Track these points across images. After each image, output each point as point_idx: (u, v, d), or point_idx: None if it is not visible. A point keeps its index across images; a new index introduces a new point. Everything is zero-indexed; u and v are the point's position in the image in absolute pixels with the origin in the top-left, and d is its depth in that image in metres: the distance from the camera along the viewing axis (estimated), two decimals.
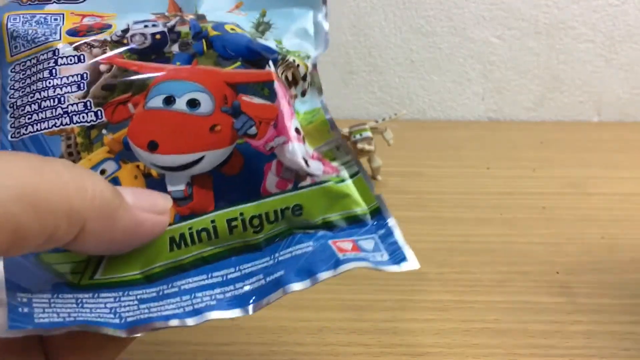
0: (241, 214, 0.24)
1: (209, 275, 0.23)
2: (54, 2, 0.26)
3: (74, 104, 0.24)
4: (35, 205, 0.17)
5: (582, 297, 0.35)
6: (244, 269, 0.24)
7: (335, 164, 0.25)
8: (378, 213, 0.25)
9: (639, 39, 0.63)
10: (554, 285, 0.36)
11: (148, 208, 0.22)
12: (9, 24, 0.25)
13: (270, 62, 0.25)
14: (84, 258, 0.22)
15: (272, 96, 0.24)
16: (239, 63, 0.25)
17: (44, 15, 0.25)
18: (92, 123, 0.24)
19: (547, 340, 0.32)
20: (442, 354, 0.31)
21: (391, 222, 0.24)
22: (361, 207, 0.25)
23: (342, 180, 0.25)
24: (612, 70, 0.64)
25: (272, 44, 0.26)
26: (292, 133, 0.25)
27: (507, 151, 0.56)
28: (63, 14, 0.26)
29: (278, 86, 0.25)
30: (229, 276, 0.23)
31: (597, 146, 0.57)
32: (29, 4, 0.26)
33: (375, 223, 0.25)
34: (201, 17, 0.26)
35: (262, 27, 0.27)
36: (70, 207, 0.18)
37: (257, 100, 0.24)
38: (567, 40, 0.63)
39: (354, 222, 0.25)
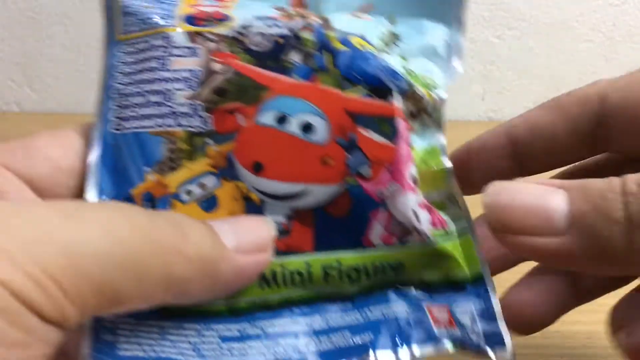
0: (339, 262, 0.22)
1: (295, 321, 0.21)
2: None
3: (181, 104, 0.22)
4: (137, 273, 0.17)
5: None
6: (331, 320, 0.22)
7: (444, 215, 0.23)
8: (480, 281, 0.22)
9: (639, 39, 0.63)
10: None
11: (250, 247, 0.20)
12: None
13: (396, 95, 0.22)
14: None
15: (392, 135, 0.22)
16: (362, 89, 0.22)
17: None
18: (198, 129, 0.22)
19: (547, 340, 0.32)
20: None
21: (492, 295, 0.22)
22: (463, 272, 0.22)
23: (448, 237, 0.22)
24: (612, 70, 0.64)
25: (396, 61, 0.23)
26: (408, 182, 0.22)
27: None
28: None
29: (401, 124, 0.22)
30: (314, 326, 0.21)
31: None
32: None
33: (475, 292, 0.22)
34: (327, 23, 0.23)
35: (389, 37, 0.24)
36: (170, 273, 0.17)
37: (375, 137, 0.22)
38: (567, 40, 0.63)
39: (453, 287, 0.22)
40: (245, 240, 0.20)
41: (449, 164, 0.23)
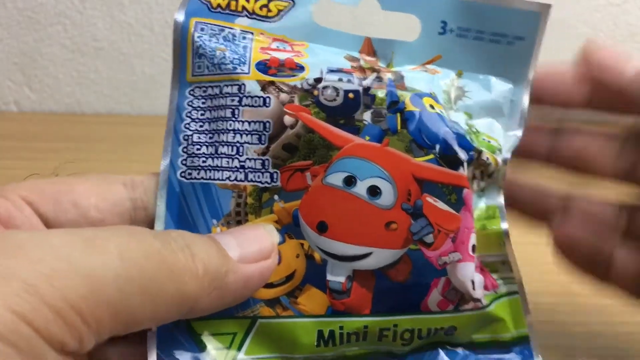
0: (395, 325, 0.22)
1: None
2: (245, 15, 0.23)
3: (252, 159, 0.22)
4: (152, 295, 0.17)
5: (582, 297, 0.35)
6: None
7: (495, 277, 0.23)
8: (525, 342, 0.23)
9: None
10: (554, 286, 0.36)
11: (255, 256, 0.20)
12: (196, 36, 0.22)
13: (465, 164, 0.22)
14: (232, 330, 0.22)
15: (458, 204, 0.22)
16: (432, 156, 0.22)
17: (232, 31, 0.22)
18: (266, 185, 0.22)
19: (548, 341, 0.32)
20: None
21: (536, 357, 0.23)
22: (510, 333, 0.23)
23: (498, 299, 0.23)
24: None
25: (461, 117, 0.23)
26: (470, 252, 0.22)
27: None
28: (252, 34, 0.22)
29: (468, 195, 0.22)
30: None
31: None
32: (220, 12, 0.22)
33: (519, 352, 0.23)
34: (399, 80, 0.23)
35: (455, 92, 0.24)
36: (183, 293, 0.18)
37: (441, 205, 0.22)
38: (567, 39, 0.62)
39: (498, 347, 0.23)
40: (248, 250, 0.20)
41: (505, 226, 0.23)
